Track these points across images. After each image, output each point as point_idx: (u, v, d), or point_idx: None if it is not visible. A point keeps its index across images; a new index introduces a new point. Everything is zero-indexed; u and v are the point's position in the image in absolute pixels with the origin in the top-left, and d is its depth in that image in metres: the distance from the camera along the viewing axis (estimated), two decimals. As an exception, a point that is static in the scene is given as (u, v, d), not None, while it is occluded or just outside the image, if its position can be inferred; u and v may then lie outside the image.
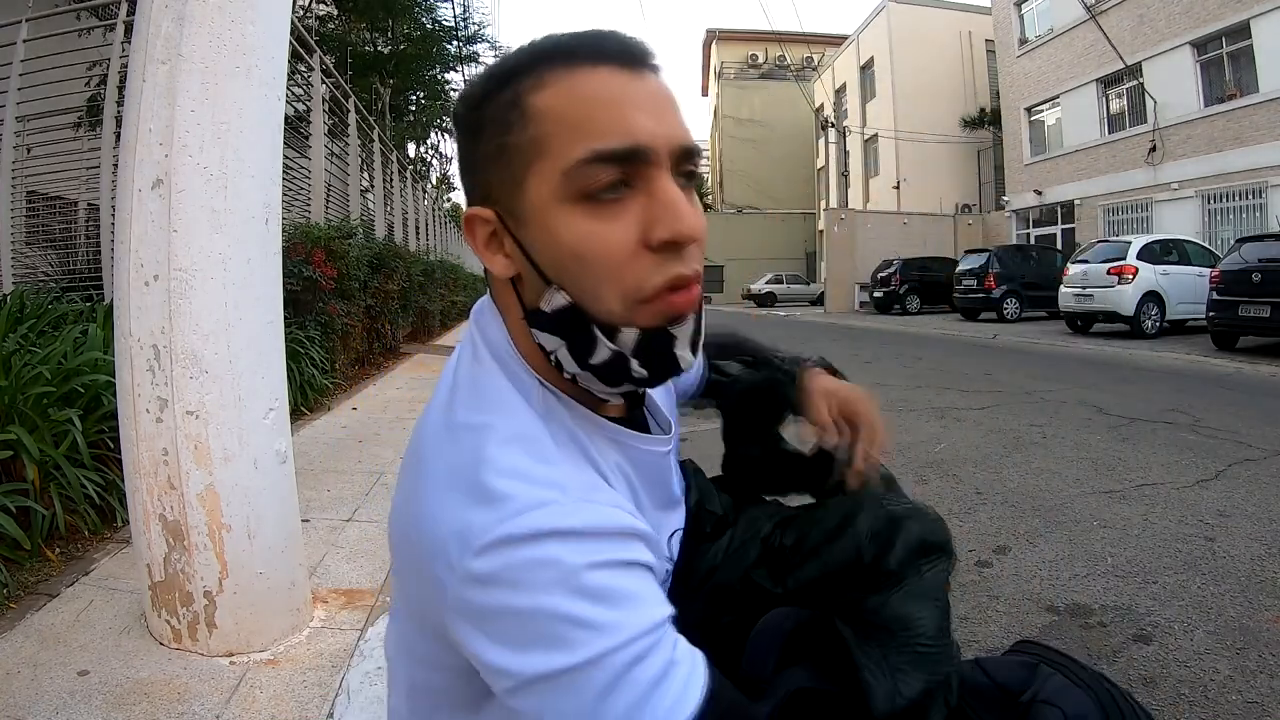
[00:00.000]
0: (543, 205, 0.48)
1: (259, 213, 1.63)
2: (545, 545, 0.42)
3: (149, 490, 1.56)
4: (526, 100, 0.48)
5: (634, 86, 0.48)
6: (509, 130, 0.49)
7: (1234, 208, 13.60)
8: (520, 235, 0.50)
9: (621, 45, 0.50)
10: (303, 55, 6.04)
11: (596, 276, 0.48)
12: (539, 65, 0.49)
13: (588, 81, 0.48)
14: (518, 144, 0.48)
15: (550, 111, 0.47)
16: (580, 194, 0.47)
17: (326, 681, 1.53)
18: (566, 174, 0.47)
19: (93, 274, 4.48)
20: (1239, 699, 1.56)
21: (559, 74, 0.48)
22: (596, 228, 0.47)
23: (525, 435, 0.49)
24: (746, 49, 35.40)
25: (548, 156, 0.47)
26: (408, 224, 11.18)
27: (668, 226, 0.47)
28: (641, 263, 0.48)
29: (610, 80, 0.48)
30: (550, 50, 0.49)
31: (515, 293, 0.52)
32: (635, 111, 0.47)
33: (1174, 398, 5.31)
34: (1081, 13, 15.60)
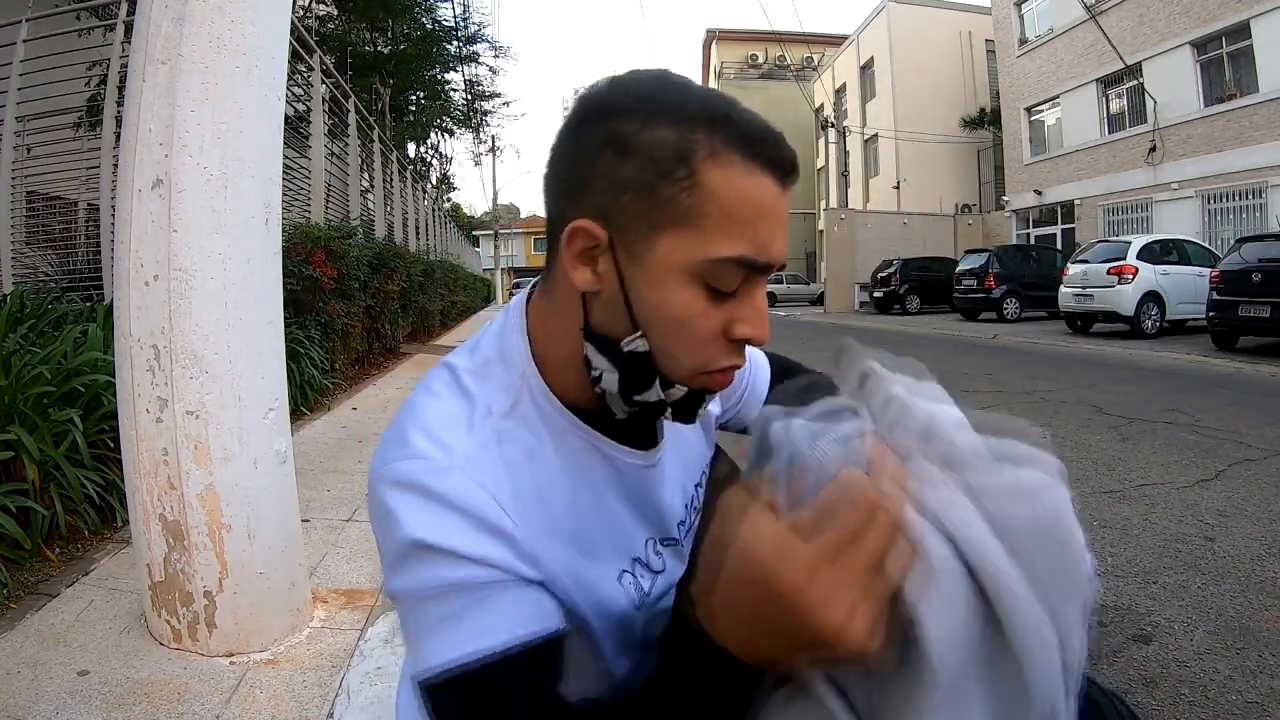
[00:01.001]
0: (667, 266, 0.51)
1: (259, 213, 1.63)
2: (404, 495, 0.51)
3: (149, 490, 1.56)
4: (700, 166, 0.49)
5: (782, 205, 0.53)
6: (667, 179, 0.50)
7: (1234, 208, 13.60)
8: (626, 271, 0.52)
9: (789, 160, 0.53)
10: (303, 55, 6.04)
11: (683, 345, 0.53)
12: (718, 134, 0.50)
13: (759, 187, 0.51)
14: (672, 199, 0.50)
15: (719, 195, 0.50)
16: (707, 279, 0.51)
17: (326, 681, 1.53)
18: (705, 262, 0.50)
19: (93, 274, 4.49)
20: (1239, 699, 1.56)
21: (737, 162, 0.50)
22: (705, 309, 0.52)
23: (457, 415, 0.55)
24: (746, 49, 35.42)
25: (697, 233, 0.50)
26: (408, 224, 11.18)
27: (752, 330, 0.54)
28: (718, 346, 0.54)
29: (772, 192, 0.52)
30: (731, 124, 0.50)
31: (583, 305, 0.55)
32: (778, 231, 0.52)
33: (1174, 398, 5.31)
34: (1081, 13, 15.60)
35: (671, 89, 0.52)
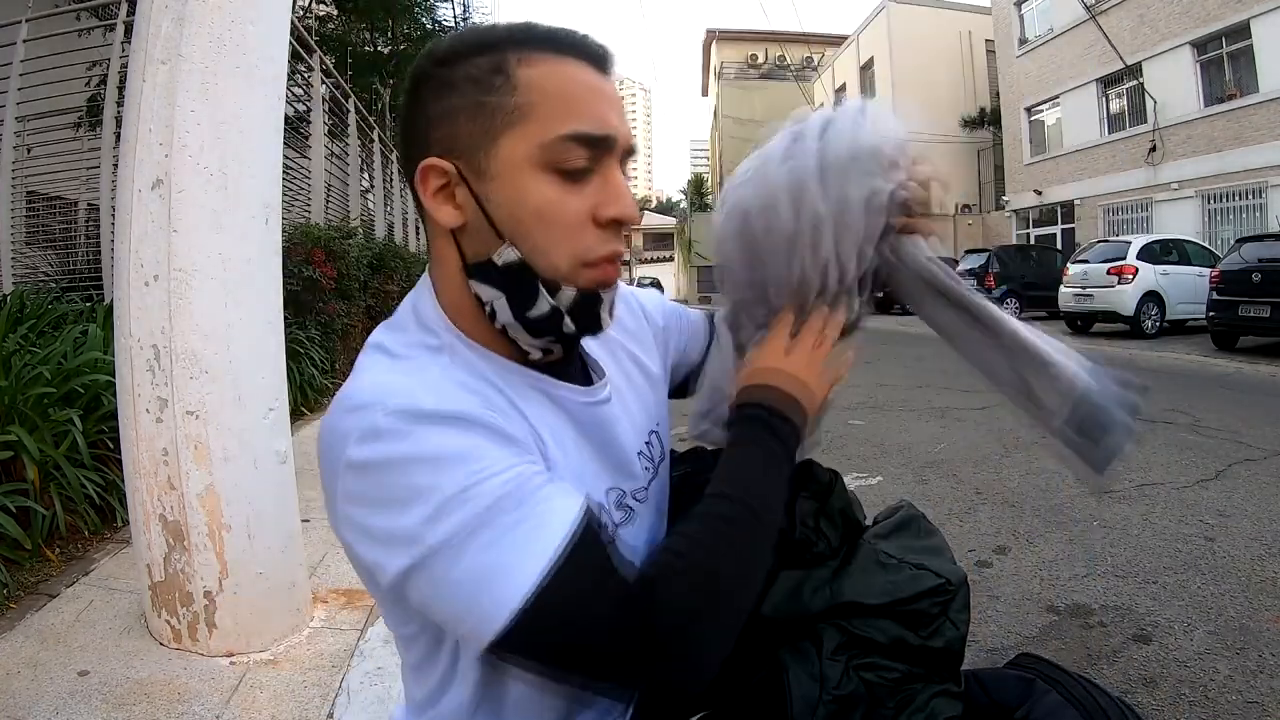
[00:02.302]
0: (514, 166, 0.52)
1: (259, 213, 1.63)
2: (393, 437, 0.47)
3: (149, 490, 1.56)
4: (515, 70, 0.52)
5: (607, 86, 0.55)
6: (490, 91, 0.52)
7: (1234, 208, 13.59)
8: (479, 189, 0.53)
9: (599, 48, 0.56)
10: (303, 55, 6.03)
11: (552, 238, 0.53)
12: (527, 44, 0.53)
13: (574, 71, 0.54)
14: (499, 105, 0.52)
15: (538, 86, 0.52)
16: (553, 165, 0.52)
17: (326, 681, 1.53)
18: (545, 145, 0.52)
19: (93, 274, 4.48)
20: (1239, 699, 1.56)
21: (548, 57, 0.53)
22: (561, 196, 0.53)
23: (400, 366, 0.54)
24: (746, 49, 35.38)
25: (530, 124, 0.52)
26: (408, 224, 11.18)
27: (617, 208, 0.54)
28: (589, 233, 0.54)
29: (590, 75, 0.54)
30: (538, 35, 0.54)
31: (456, 246, 0.56)
32: (609, 107, 0.55)
33: (1174, 398, 5.31)
34: (1081, 13, 15.59)
35: (478, 29, 0.56)
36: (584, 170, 0.53)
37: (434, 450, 0.47)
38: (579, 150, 0.53)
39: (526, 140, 0.52)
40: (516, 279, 0.54)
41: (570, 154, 0.52)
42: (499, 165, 0.53)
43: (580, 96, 0.53)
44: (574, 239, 0.54)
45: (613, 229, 0.55)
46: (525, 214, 0.53)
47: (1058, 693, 0.66)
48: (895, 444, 4.07)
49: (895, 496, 3.28)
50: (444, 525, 0.45)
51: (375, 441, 0.47)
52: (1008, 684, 0.69)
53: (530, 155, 0.52)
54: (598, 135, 0.53)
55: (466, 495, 0.46)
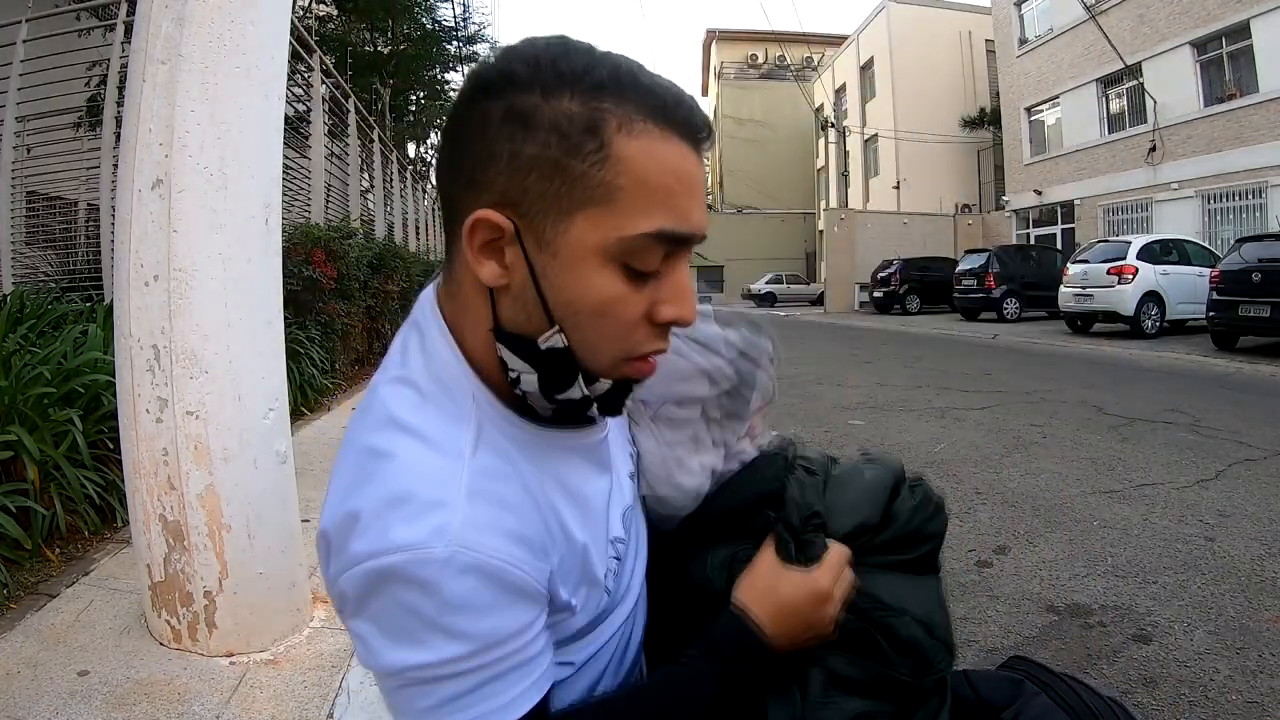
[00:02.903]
0: (583, 250, 0.47)
1: (259, 213, 1.63)
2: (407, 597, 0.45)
3: (149, 490, 1.56)
4: (613, 137, 0.45)
5: (699, 172, 0.49)
6: (577, 154, 0.45)
7: (1234, 208, 13.60)
8: (536, 260, 0.47)
9: (703, 122, 0.49)
10: (303, 55, 6.04)
11: (605, 334, 0.49)
12: (629, 102, 0.46)
13: (674, 155, 0.47)
14: (584, 176, 0.45)
15: (635, 168, 0.46)
16: (625, 260, 0.47)
17: (326, 682, 1.53)
18: (624, 239, 0.46)
19: (93, 274, 4.48)
20: (1239, 699, 1.56)
21: (651, 130, 0.46)
22: (626, 294, 0.48)
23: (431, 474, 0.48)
24: (746, 49, 35.39)
25: (614, 210, 0.46)
26: (408, 224, 11.18)
27: (677, 310, 0.50)
28: (641, 330, 0.50)
29: (690, 160, 0.48)
30: (645, 92, 0.47)
31: (490, 301, 0.50)
32: (698, 201, 0.49)
33: (1174, 398, 5.31)
34: (1081, 13, 15.59)
35: (574, 55, 0.46)
36: (656, 269, 0.49)
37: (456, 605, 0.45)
38: (658, 249, 0.47)
39: (604, 228, 0.46)
40: (556, 364, 0.50)
41: (649, 253, 0.47)
42: (566, 245, 0.46)
43: (674, 190, 0.47)
44: (626, 337, 0.49)
45: (663, 329, 0.51)
46: (584, 306, 0.48)
47: (1047, 695, 0.66)
48: (895, 444, 4.07)
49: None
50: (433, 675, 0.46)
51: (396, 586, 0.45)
52: (997, 684, 0.69)
53: (604, 245, 0.46)
54: (683, 235, 0.48)
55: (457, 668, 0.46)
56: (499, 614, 0.47)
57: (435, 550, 0.44)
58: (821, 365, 7.86)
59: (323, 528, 0.50)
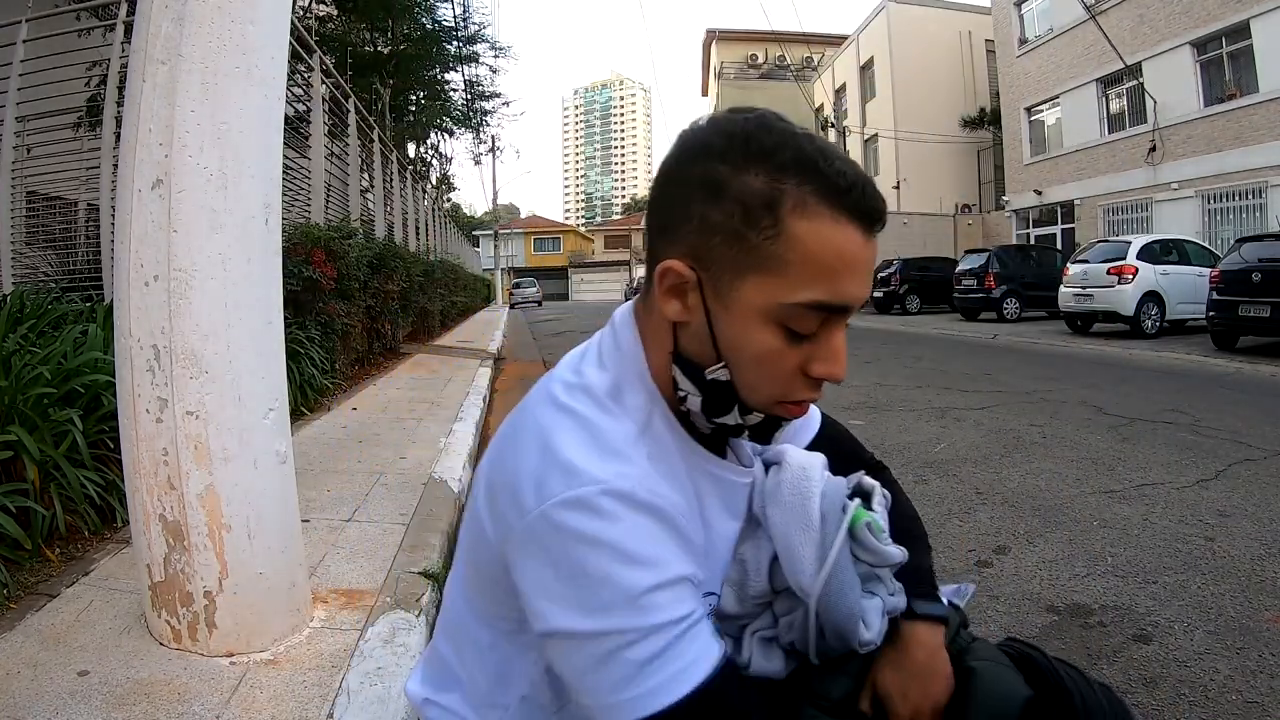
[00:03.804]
0: (750, 309, 0.55)
1: (259, 213, 1.63)
2: (598, 517, 0.51)
3: (149, 490, 1.56)
4: (785, 216, 0.52)
5: (867, 252, 0.55)
6: (754, 227, 0.53)
7: (1234, 208, 13.60)
8: (713, 309, 0.56)
9: (874, 208, 0.55)
10: (303, 55, 6.03)
11: (762, 379, 0.57)
12: (807, 184, 0.53)
13: (843, 237, 0.53)
14: (757, 246, 0.53)
15: (803, 245, 0.53)
16: (784, 322, 0.55)
17: (326, 682, 1.53)
18: (784, 305, 0.54)
19: (93, 274, 4.48)
20: (1239, 699, 1.56)
21: (823, 213, 0.53)
22: (782, 349, 0.56)
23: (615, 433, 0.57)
24: (746, 49, 35.42)
25: (780, 279, 0.53)
26: (408, 224, 11.18)
27: (828, 369, 0.57)
28: (796, 381, 0.58)
29: (856, 241, 0.54)
30: (821, 176, 0.53)
31: (673, 332, 0.59)
32: (861, 278, 0.55)
33: (1174, 398, 5.31)
34: (1081, 13, 15.59)
35: (766, 134, 0.54)
36: (813, 333, 0.56)
37: (633, 547, 0.51)
38: (814, 316, 0.55)
39: (768, 293, 0.54)
40: (719, 392, 0.58)
41: (806, 319, 0.54)
42: (736, 301, 0.55)
43: (836, 269, 0.53)
44: (781, 384, 0.57)
45: (817, 382, 0.58)
46: (745, 354, 0.56)
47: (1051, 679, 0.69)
48: (895, 444, 4.07)
49: (895, 496, 3.28)
50: (612, 620, 0.50)
51: (587, 515, 0.51)
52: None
53: (768, 307, 0.54)
54: (837, 305, 0.55)
55: (640, 604, 0.50)
56: (671, 553, 0.53)
57: (619, 485, 0.52)
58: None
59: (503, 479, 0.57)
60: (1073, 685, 0.66)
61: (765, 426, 0.61)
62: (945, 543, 2.54)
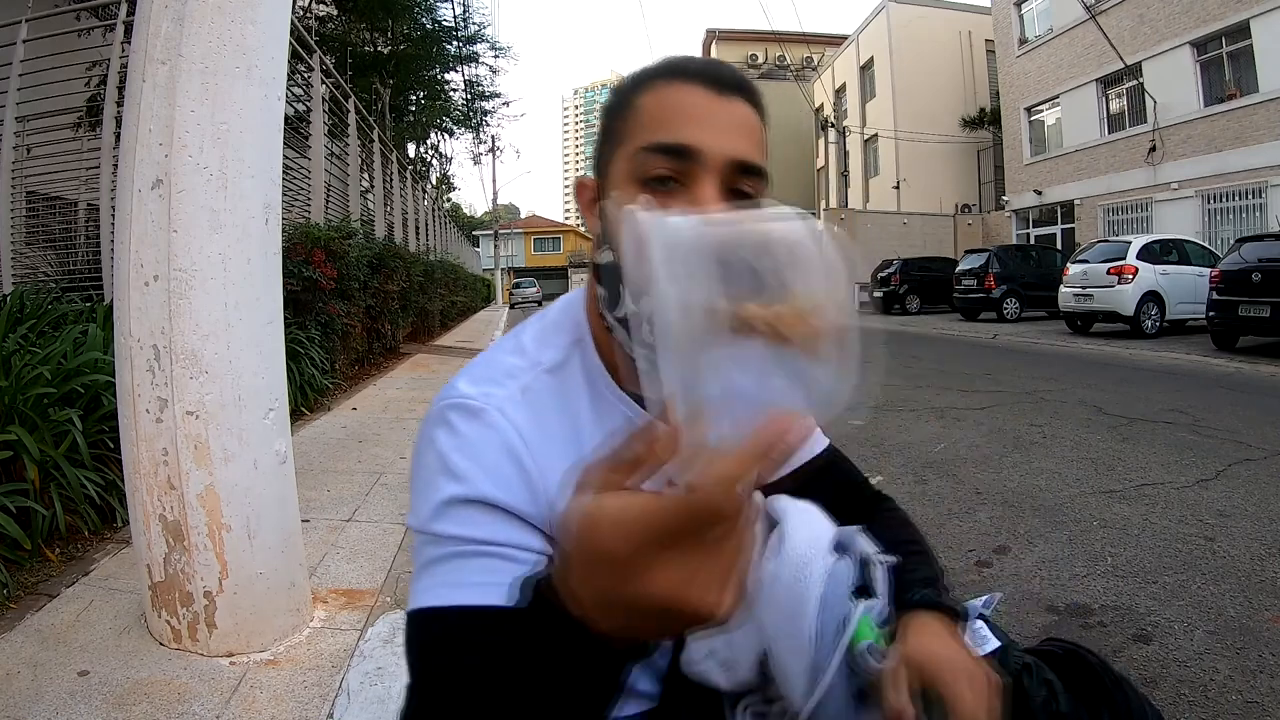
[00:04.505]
0: (616, 180, 0.58)
1: (259, 213, 1.63)
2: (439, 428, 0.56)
3: (149, 490, 1.56)
4: (632, 97, 0.59)
5: (713, 105, 0.57)
6: (615, 118, 0.60)
7: (1234, 208, 13.60)
8: (602, 203, 0.60)
9: (715, 71, 0.59)
10: (303, 55, 6.03)
11: None
12: (652, 73, 0.59)
13: (677, 93, 0.57)
14: (615, 128, 0.59)
15: (641, 108, 0.58)
16: (638, 178, 0.56)
17: (326, 682, 1.53)
18: (630, 157, 0.57)
19: (93, 274, 4.48)
20: (1239, 699, 1.56)
21: (663, 82, 0.58)
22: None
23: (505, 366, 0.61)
24: (746, 49, 35.36)
25: (626, 142, 0.58)
26: (408, 224, 11.18)
27: None
28: None
29: (694, 95, 0.57)
30: (669, 64, 0.60)
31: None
32: (699, 121, 0.56)
33: (1174, 398, 5.31)
34: (1081, 13, 15.59)
35: (650, 64, 0.61)
36: (666, 180, 0.56)
37: (455, 459, 0.54)
38: (658, 161, 0.56)
39: (622, 157, 0.58)
40: (611, 278, 0.58)
41: (649, 165, 0.56)
42: (610, 182, 0.59)
43: (673, 118, 0.56)
44: None
45: None
46: (616, 222, 0.57)
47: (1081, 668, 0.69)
48: (895, 444, 4.07)
49: (895, 496, 3.28)
50: (418, 519, 0.55)
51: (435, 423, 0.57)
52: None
53: (624, 170, 0.57)
54: (672, 144, 0.55)
55: (438, 511, 0.53)
56: (487, 475, 0.54)
57: (474, 401, 0.57)
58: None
59: None
60: (1124, 686, 0.66)
61: None
62: (945, 543, 2.54)
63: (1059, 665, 0.69)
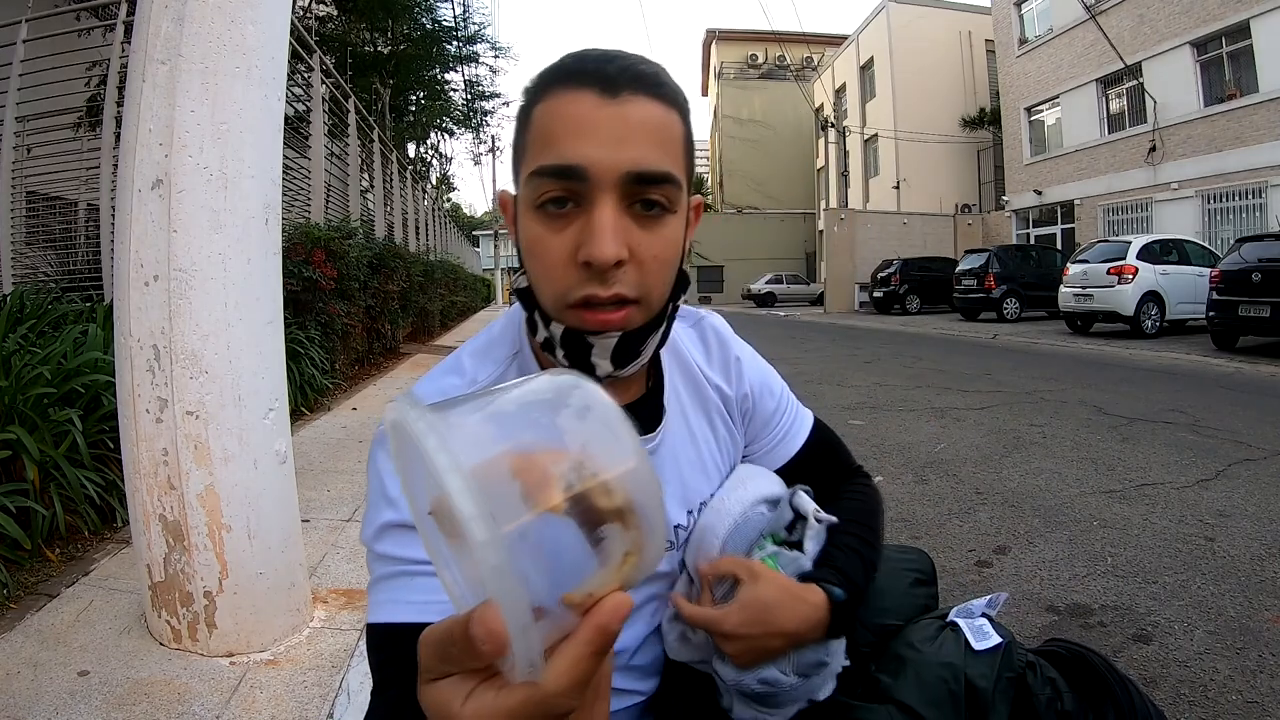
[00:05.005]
0: (522, 202, 0.55)
1: (259, 213, 1.63)
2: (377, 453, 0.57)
3: (149, 490, 1.56)
4: (534, 109, 0.54)
5: (602, 112, 0.51)
6: (522, 131, 0.56)
7: (1234, 208, 13.60)
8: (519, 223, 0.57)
9: (604, 69, 0.52)
10: (303, 55, 6.03)
11: (539, 274, 0.56)
12: (553, 79, 0.54)
13: (566, 103, 0.52)
14: (520, 144, 0.56)
15: (536, 124, 0.54)
16: (534, 201, 0.53)
17: (326, 682, 1.53)
18: (525, 181, 0.54)
19: (93, 274, 4.48)
20: (1239, 699, 1.56)
21: (554, 90, 0.53)
22: (543, 234, 0.53)
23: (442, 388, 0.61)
24: (746, 49, 35.37)
25: (526, 162, 0.54)
26: (408, 224, 11.18)
27: (585, 249, 0.51)
28: (571, 274, 0.53)
29: (582, 103, 0.52)
30: (564, 66, 0.55)
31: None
32: (585, 135, 0.51)
33: (1174, 398, 5.31)
34: (1081, 13, 15.60)
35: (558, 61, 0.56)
36: (561, 201, 0.52)
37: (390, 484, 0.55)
38: (548, 184, 0.52)
39: (523, 179, 0.55)
40: (526, 304, 0.59)
41: (540, 189, 0.52)
42: (519, 202, 0.56)
43: (560, 133, 0.51)
44: (555, 278, 0.54)
45: (591, 271, 0.52)
46: (524, 247, 0.56)
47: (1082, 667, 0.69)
48: (895, 444, 4.07)
49: (895, 496, 3.31)
50: (365, 534, 0.56)
51: (378, 445, 0.57)
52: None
53: (524, 194, 0.54)
54: (556, 167, 0.51)
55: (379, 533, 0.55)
56: None
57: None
58: (821, 365, 7.86)
59: None
60: (1128, 686, 0.66)
61: (573, 342, 0.55)
62: (945, 543, 2.54)
63: (1063, 665, 0.69)
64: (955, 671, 0.66)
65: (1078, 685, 0.66)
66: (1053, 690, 0.66)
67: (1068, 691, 0.66)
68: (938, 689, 0.65)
